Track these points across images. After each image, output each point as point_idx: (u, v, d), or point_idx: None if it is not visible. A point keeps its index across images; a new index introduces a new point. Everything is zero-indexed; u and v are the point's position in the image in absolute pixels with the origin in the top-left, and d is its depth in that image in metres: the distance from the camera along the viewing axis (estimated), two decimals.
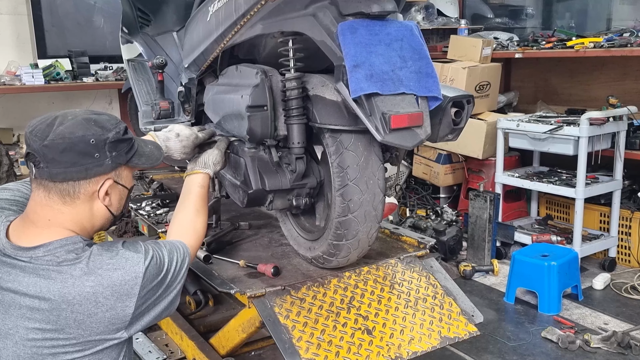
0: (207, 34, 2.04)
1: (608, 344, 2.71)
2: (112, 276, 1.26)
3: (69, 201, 1.31)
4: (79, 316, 1.24)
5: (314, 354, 1.64)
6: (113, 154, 1.33)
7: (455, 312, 1.93)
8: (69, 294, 1.23)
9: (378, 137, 1.48)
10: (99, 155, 1.30)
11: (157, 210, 2.62)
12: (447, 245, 3.75)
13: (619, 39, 3.61)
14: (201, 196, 1.66)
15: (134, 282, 1.28)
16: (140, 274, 1.29)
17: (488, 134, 4.00)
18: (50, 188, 1.29)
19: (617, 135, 3.53)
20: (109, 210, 1.38)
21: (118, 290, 1.26)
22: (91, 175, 1.30)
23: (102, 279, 1.26)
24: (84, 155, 1.28)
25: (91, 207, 1.34)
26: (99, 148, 1.30)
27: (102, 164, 1.31)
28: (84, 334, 1.25)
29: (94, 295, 1.24)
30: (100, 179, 1.32)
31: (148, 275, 1.31)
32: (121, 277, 1.27)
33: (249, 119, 1.71)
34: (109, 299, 1.25)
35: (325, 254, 1.84)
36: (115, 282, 1.26)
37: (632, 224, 3.65)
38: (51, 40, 4.41)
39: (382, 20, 1.55)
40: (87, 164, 1.29)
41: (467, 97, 1.67)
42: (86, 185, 1.31)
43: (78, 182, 1.29)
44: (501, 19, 5.23)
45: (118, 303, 1.26)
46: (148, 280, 1.31)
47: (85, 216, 1.34)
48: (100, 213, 1.37)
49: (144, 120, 2.61)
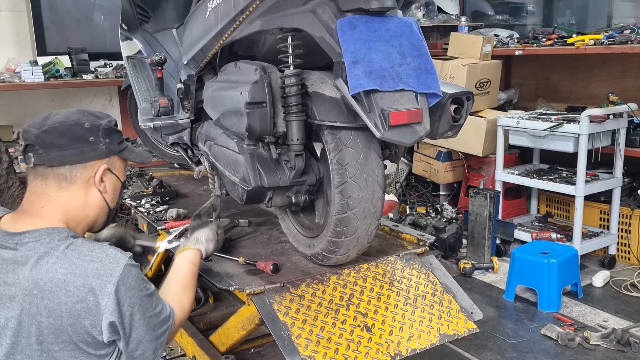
0: (206, 30, 2.04)
1: (607, 341, 2.71)
2: (87, 267, 1.23)
3: (65, 186, 1.34)
4: (49, 304, 1.22)
5: (313, 351, 1.63)
6: (107, 140, 1.38)
7: (454, 309, 1.92)
8: (40, 279, 1.22)
9: (377, 133, 1.48)
10: (94, 139, 1.35)
11: (156, 208, 2.62)
12: (447, 243, 3.75)
13: (620, 36, 3.60)
14: (190, 272, 1.60)
15: (108, 280, 1.23)
16: (117, 272, 1.24)
17: (488, 132, 3.99)
18: (47, 174, 1.33)
19: (618, 132, 3.52)
20: (104, 199, 1.40)
21: (90, 283, 1.22)
22: (87, 159, 1.35)
23: (76, 267, 1.23)
24: (79, 139, 1.34)
25: (86, 193, 1.37)
26: (93, 132, 1.36)
27: (96, 149, 1.36)
28: (56, 324, 1.23)
29: (65, 283, 1.22)
30: (95, 165, 1.37)
31: (128, 279, 1.25)
32: (96, 269, 1.23)
33: (248, 116, 1.71)
34: (80, 289, 1.22)
35: (325, 251, 1.84)
36: (89, 273, 1.23)
37: (632, 222, 3.65)
38: (51, 37, 4.40)
39: (382, 16, 1.54)
40: (83, 147, 1.34)
41: (467, 94, 1.67)
42: (82, 170, 1.35)
43: (74, 166, 1.34)
44: (501, 16, 5.23)
45: (90, 296, 1.22)
46: (128, 285, 1.25)
47: (80, 204, 1.36)
48: (95, 201, 1.39)
49: (143, 118, 2.61)
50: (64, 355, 1.26)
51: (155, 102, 2.50)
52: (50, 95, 4.45)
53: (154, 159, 4.07)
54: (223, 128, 2.06)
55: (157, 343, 1.35)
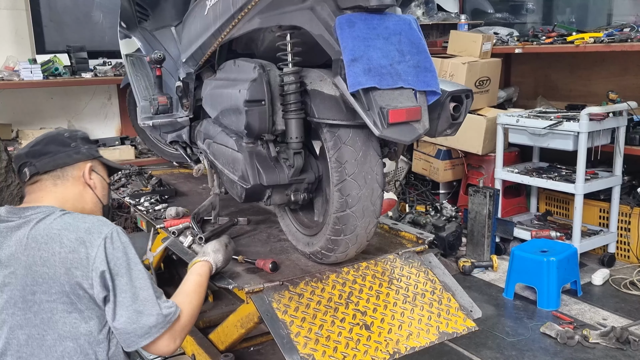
0: (204, 28, 2.03)
1: (607, 339, 2.71)
2: (79, 225, 1.41)
3: (60, 183, 1.54)
4: (44, 254, 1.37)
5: (312, 349, 1.63)
6: (86, 146, 1.60)
7: (453, 307, 1.92)
8: (38, 234, 1.40)
9: (376, 131, 1.47)
10: (75, 144, 1.57)
11: (155, 206, 2.62)
12: (447, 241, 3.75)
13: (619, 34, 3.60)
14: (194, 282, 1.66)
15: (98, 235, 1.39)
16: (105, 230, 1.40)
17: (488, 130, 3.99)
18: (42, 179, 1.52)
19: (617, 130, 3.52)
20: (96, 196, 1.59)
21: (82, 237, 1.38)
22: (74, 160, 1.55)
23: (70, 225, 1.41)
24: (63, 145, 1.55)
25: (80, 190, 1.56)
26: (73, 139, 1.58)
27: (79, 152, 1.57)
28: (50, 272, 1.36)
29: (59, 236, 1.38)
30: (81, 165, 1.57)
31: (115, 240, 1.40)
32: (87, 227, 1.40)
33: (247, 114, 1.71)
34: (73, 242, 1.38)
35: (324, 249, 1.83)
36: (81, 229, 1.40)
37: (632, 220, 3.65)
38: (50, 35, 4.39)
39: (381, 14, 1.54)
40: (68, 151, 1.55)
41: (466, 92, 1.66)
42: (72, 170, 1.55)
43: (64, 168, 1.54)
44: (501, 14, 5.22)
45: (81, 247, 1.37)
46: (115, 245, 1.39)
47: (75, 197, 1.55)
48: (89, 196, 1.58)
49: (142, 116, 2.60)
50: (57, 308, 1.37)
51: (154, 100, 2.50)
52: (49, 94, 4.44)
53: (153, 157, 4.08)
54: (222, 126, 2.06)
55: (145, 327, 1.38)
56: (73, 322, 1.38)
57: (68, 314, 1.38)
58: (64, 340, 1.38)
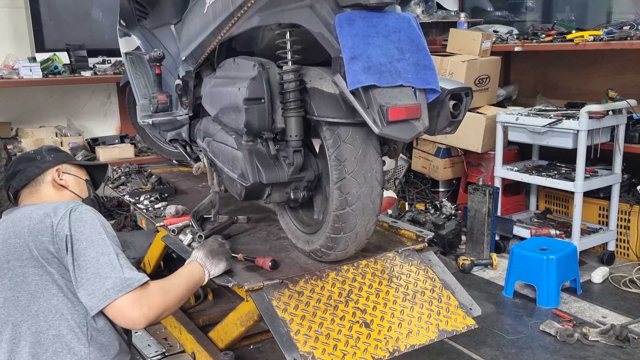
0: (204, 26, 2.03)
1: (606, 337, 2.71)
2: (49, 205, 1.58)
3: (36, 191, 1.72)
4: (17, 228, 1.53)
5: (312, 347, 1.64)
6: (52, 156, 1.78)
7: (453, 305, 1.93)
8: (15, 216, 1.59)
9: (376, 129, 1.47)
10: (40, 157, 1.77)
11: (155, 204, 2.61)
12: (446, 239, 3.75)
13: (619, 32, 3.59)
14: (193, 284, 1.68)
15: (64, 209, 1.53)
16: (71, 205, 1.55)
17: (487, 128, 3.99)
18: (22, 194, 1.73)
19: (617, 128, 3.52)
20: (72, 193, 1.76)
21: (49, 211, 1.54)
22: (42, 169, 1.74)
23: (41, 206, 1.59)
24: (29, 160, 1.76)
25: (56, 192, 1.74)
26: (38, 154, 1.79)
27: (45, 161, 1.76)
28: (20, 242, 1.51)
29: (30, 213, 1.55)
30: (49, 171, 1.75)
31: (81, 213, 1.52)
32: (56, 205, 1.57)
33: (247, 112, 1.71)
34: (41, 215, 1.53)
35: (323, 247, 1.84)
36: (50, 207, 1.56)
37: (631, 218, 3.65)
38: (49, 33, 4.39)
39: (380, 11, 1.54)
40: (35, 164, 1.75)
41: (466, 90, 1.66)
42: (43, 178, 1.74)
43: (36, 179, 1.73)
44: (501, 12, 5.21)
45: (47, 218, 1.52)
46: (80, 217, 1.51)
47: (54, 198, 1.70)
48: (67, 195, 1.75)
49: (142, 114, 2.60)
50: (28, 272, 1.49)
51: (154, 99, 2.50)
52: (48, 92, 4.44)
53: (153, 155, 4.08)
54: (221, 124, 2.06)
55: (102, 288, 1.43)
56: (45, 284, 1.48)
57: (39, 277, 1.48)
58: (37, 300, 1.48)
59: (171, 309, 1.55)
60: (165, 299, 1.51)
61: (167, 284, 1.56)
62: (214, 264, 1.75)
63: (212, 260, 1.75)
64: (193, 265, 1.72)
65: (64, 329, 1.48)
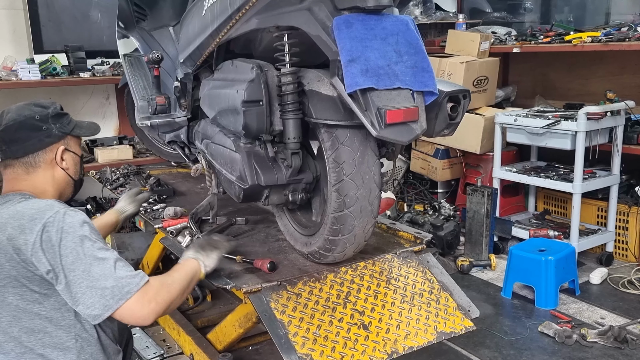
0: (202, 28, 2.03)
1: (605, 338, 2.71)
2: (25, 212, 1.42)
3: (32, 171, 1.55)
4: None
5: (310, 349, 1.64)
6: (57, 125, 1.59)
7: (451, 307, 1.93)
8: None
9: (373, 132, 1.48)
10: (46, 127, 1.56)
11: (154, 206, 2.62)
12: (445, 240, 3.75)
13: (617, 33, 3.60)
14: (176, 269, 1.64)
15: (39, 221, 1.38)
16: (47, 215, 1.39)
17: (486, 129, 3.99)
18: (14, 165, 1.55)
19: (615, 129, 3.52)
20: (68, 175, 1.61)
21: (23, 224, 1.39)
22: (45, 144, 1.56)
23: (17, 213, 1.42)
24: (34, 130, 1.55)
25: (52, 173, 1.58)
26: (44, 121, 1.56)
27: (50, 134, 1.57)
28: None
29: (5, 225, 1.40)
30: (53, 148, 1.58)
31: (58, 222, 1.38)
32: (31, 214, 1.40)
33: (245, 114, 1.71)
34: (16, 229, 1.39)
35: (322, 249, 1.84)
36: (25, 216, 1.40)
37: (630, 219, 3.65)
38: (47, 35, 4.38)
39: (378, 14, 1.54)
40: (39, 136, 1.55)
41: (463, 92, 1.67)
42: (44, 155, 1.56)
43: (36, 154, 1.55)
44: (499, 13, 5.21)
45: (21, 235, 1.38)
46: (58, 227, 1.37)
47: (47, 181, 1.57)
48: (61, 177, 1.60)
49: (140, 116, 2.60)
50: (8, 292, 1.40)
51: (152, 100, 2.50)
52: (47, 94, 4.43)
53: (151, 157, 4.08)
54: (220, 126, 2.06)
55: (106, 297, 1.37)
56: (26, 305, 1.41)
57: (19, 296, 1.41)
58: (18, 321, 1.41)
59: (176, 302, 1.52)
60: (169, 292, 1.48)
61: (168, 278, 1.54)
62: (206, 255, 1.73)
63: (202, 252, 1.73)
64: (187, 261, 1.70)
65: (48, 349, 1.43)
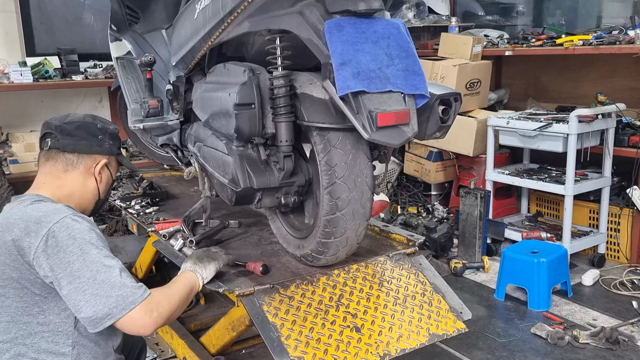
0: (194, 31, 2.03)
1: (597, 339, 2.73)
2: (33, 214, 1.43)
3: (70, 169, 1.61)
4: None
5: (303, 352, 1.64)
6: (111, 142, 1.69)
7: (443, 309, 1.93)
8: (1, 222, 1.45)
9: (365, 135, 1.48)
10: (102, 137, 1.66)
11: (146, 209, 2.61)
12: (438, 243, 3.76)
13: (608, 37, 3.63)
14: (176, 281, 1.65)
15: (45, 225, 1.40)
16: (54, 220, 1.40)
17: (479, 132, 4.01)
18: (57, 158, 1.60)
19: (606, 132, 3.55)
20: (97, 188, 1.66)
21: (29, 227, 1.40)
22: (93, 151, 1.64)
23: (25, 214, 1.44)
24: (91, 135, 1.65)
25: (85, 180, 1.63)
26: (102, 132, 1.67)
27: (102, 145, 1.66)
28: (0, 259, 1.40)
29: (12, 225, 1.41)
30: (98, 158, 1.65)
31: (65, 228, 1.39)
32: (38, 216, 1.42)
33: (237, 117, 1.71)
34: (22, 230, 1.40)
35: (314, 251, 1.84)
36: (32, 218, 1.42)
37: (621, 221, 3.68)
38: (40, 37, 4.37)
39: (369, 18, 1.55)
40: (92, 141, 1.64)
41: (455, 95, 1.68)
42: (87, 160, 1.63)
43: (81, 155, 1.62)
44: (492, 16, 5.25)
45: (26, 237, 1.39)
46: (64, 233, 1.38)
47: (77, 187, 1.61)
48: (90, 188, 1.64)
49: (133, 119, 2.60)
50: (8, 293, 1.41)
51: (145, 103, 2.50)
52: (39, 96, 4.42)
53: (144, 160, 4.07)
54: (212, 129, 2.06)
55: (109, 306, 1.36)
56: (25, 307, 1.41)
57: (20, 299, 1.41)
58: (16, 324, 1.42)
59: (176, 313, 1.53)
60: (170, 303, 1.49)
61: (168, 290, 1.55)
62: (204, 267, 1.74)
63: (200, 264, 1.74)
64: (185, 273, 1.72)
65: (43, 354, 1.43)
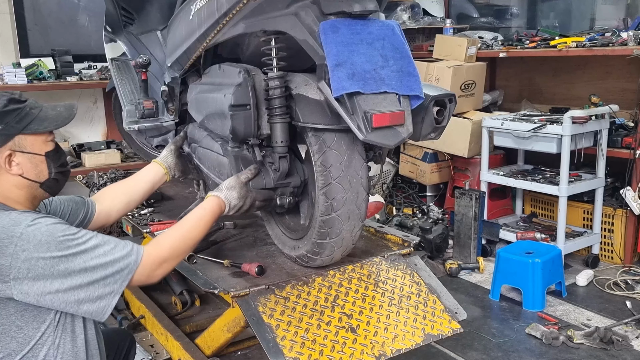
0: (189, 32, 2.03)
1: (591, 339, 2.74)
2: None
3: None
4: None
5: (298, 353, 1.64)
6: (1, 127, 1.35)
7: (439, 309, 1.94)
8: None
9: (360, 135, 1.48)
10: None
11: (141, 211, 2.61)
12: (434, 243, 3.77)
13: (601, 39, 3.65)
14: (197, 215, 1.62)
15: (10, 241, 1.27)
16: (17, 233, 1.27)
17: (473, 133, 4.02)
18: None
19: (600, 133, 3.57)
20: (26, 178, 1.40)
21: None
22: None
23: None
24: None
25: (8, 179, 1.39)
26: None
27: None
28: None
29: None
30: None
31: (32, 238, 1.27)
32: None
33: (232, 118, 1.71)
34: None
35: (310, 252, 1.84)
36: None
37: (615, 221, 3.70)
38: (34, 39, 4.36)
39: (364, 19, 1.55)
40: None
41: (449, 96, 1.68)
42: None
43: None
44: (486, 18, 5.27)
45: None
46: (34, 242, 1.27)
47: (8, 187, 1.39)
48: (20, 183, 1.40)
49: (128, 120, 2.59)
50: None
51: (140, 105, 2.50)
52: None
53: (139, 161, 4.05)
54: (207, 130, 2.06)
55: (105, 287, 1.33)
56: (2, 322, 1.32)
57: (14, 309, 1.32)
58: None
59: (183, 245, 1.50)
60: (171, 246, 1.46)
61: (161, 237, 1.50)
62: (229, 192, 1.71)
63: (226, 191, 1.71)
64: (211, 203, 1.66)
65: None
